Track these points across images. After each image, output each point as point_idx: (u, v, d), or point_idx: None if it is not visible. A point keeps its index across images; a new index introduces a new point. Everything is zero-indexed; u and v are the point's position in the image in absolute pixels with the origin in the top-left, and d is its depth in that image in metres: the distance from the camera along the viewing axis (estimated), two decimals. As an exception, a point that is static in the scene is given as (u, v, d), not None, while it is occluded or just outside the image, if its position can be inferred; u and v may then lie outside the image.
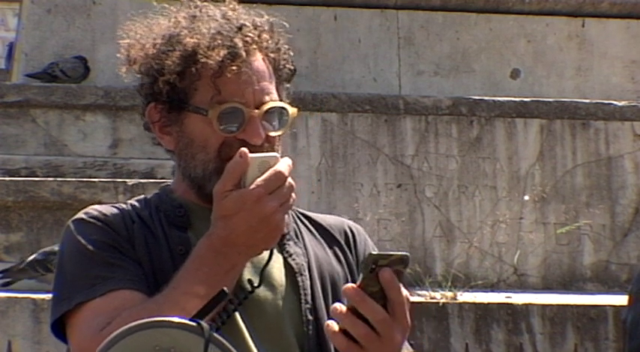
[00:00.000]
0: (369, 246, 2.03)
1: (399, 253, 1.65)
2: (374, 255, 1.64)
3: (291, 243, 1.94)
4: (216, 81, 1.85)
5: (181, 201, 1.94)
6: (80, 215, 1.92)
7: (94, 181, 5.49)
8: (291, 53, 1.97)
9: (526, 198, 6.41)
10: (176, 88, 1.88)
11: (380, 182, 6.36)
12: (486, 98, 6.64)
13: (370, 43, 7.04)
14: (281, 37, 1.95)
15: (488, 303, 5.05)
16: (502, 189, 6.45)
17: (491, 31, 7.26)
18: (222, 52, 1.84)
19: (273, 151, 1.84)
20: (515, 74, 7.23)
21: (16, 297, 4.67)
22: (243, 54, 1.85)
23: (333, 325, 1.66)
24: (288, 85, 1.97)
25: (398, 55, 7.09)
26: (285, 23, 1.98)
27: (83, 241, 1.87)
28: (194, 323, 1.44)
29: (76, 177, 5.79)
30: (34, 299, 4.64)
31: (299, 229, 1.99)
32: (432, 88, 7.03)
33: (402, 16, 7.16)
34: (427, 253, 6.23)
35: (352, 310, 1.64)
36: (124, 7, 6.94)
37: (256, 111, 1.86)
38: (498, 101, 6.62)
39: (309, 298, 1.89)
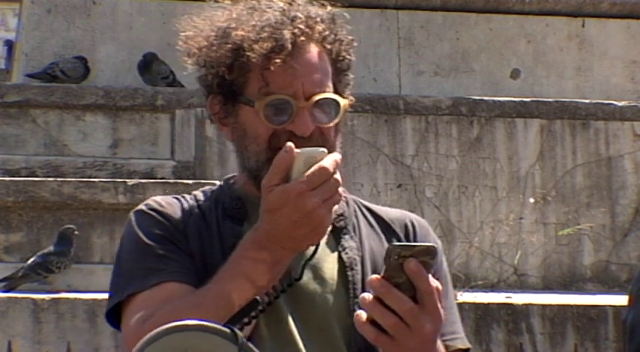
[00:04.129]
0: (429, 240, 2.02)
1: (425, 244, 1.65)
2: (395, 246, 1.63)
3: (347, 236, 1.95)
4: (263, 73, 1.86)
5: (240, 192, 1.96)
6: (141, 206, 1.98)
7: (94, 181, 5.49)
8: (355, 44, 1.98)
9: (531, 200, 6.41)
10: (226, 80, 1.90)
11: (380, 182, 6.36)
12: (486, 98, 6.64)
13: (370, 43, 7.03)
14: (341, 29, 1.96)
15: (489, 303, 5.05)
16: (502, 189, 6.45)
17: (491, 31, 7.26)
18: (268, 45, 1.84)
19: (326, 142, 1.85)
20: (515, 74, 7.23)
21: (16, 297, 4.67)
22: (290, 46, 1.85)
23: (362, 315, 1.65)
24: (350, 76, 1.97)
25: (398, 55, 7.09)
26: (345, 14, 1.99)
27: (139, 233, 1.92)
28: (228, 330, 1.44)
29: (76, 177, 5.79)
30: (34, 299, 4.63)
31: (358, 222, 1.99)
32: (432, 88, 7.03)
33: (402, 16, 7.16)
34: (427, 253, 6.22)
35: (380, 300, 1.63)
36: (124, 7, 6.95)
37: (305, 102, 1.86)
38: (498, 101, 6.62)
39: (358, 292, 1.88)
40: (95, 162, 6.13)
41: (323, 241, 1.90)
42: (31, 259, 4.94)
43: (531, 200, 6.41)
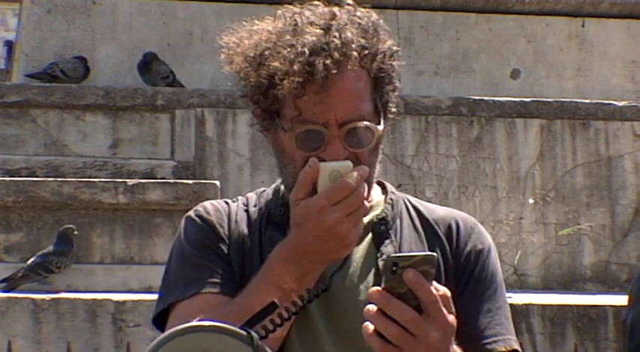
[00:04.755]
0: (473, 239, 1.98)
1: (422, 253, 1.63)
2: (392, 257, 1.62)
3: (387, 242, 1.94)
4: (296, 102, 1.85)
5: (286, 199, 1.95)
6: (190, 212, 2.00)
7: (94, 181, 5.49)
8: (398, 51, 1.98)
9: (530, 201, 6.41)
10: (263, 104, 1.90)
11: (380, 182, 6.36)
12: (486, 98, 6.64)
13: (370, 43, 7.03)
14: (383, 41, 1.96)
15: (489, 303, 5.05)
16: (502, 189, 6.45)
17: (491, 31, 7.26)
18: (299, 80, 1.83)
19: (364, 164, 1.84)
20: (515, 74, 7.23)
21: (16, 297, 4.67)
22: (321, 80, 1.83)
23: (369, 326, 1.64)
24: (394, 84, 1.97)
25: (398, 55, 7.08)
26: (386, 27, 2.00)
27: (184, 241, 1.96)
28: (243, 331, 1.44)
29: (76, 177, 5.79)
30: (34, 299, 4.63)
31: (401, 226, 1.98)
32: (432, 88, 7.03)
33: (402, 16, 7.16)
34: (427, 253, 6.22)
35: (383, 312, 1.62)
36: (124, 7, 6.95)
37: (338, 130, 1.85)
38: (498, 101, 6.62)
39: None
40: (95, 162, 6.13)
41: (363, 248, 1.91)
42: (31, 259, 4.94)
43: (530, 201, 6.41)
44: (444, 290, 1.64)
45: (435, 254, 1.64)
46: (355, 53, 1.88)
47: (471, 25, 7.25)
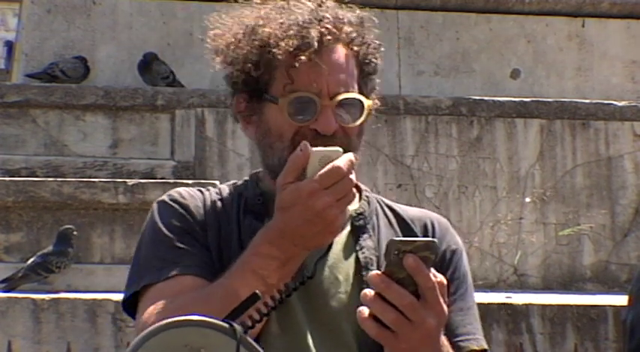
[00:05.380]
0: (447, 239, 2.02)
1: (424, 239, 1.65)
2: (395, 241, 1.63)
3: (365, 236, 1.95)
4: (289, 70, 1.87)
5: (264, 189, 1.97)
6: (164, 197, 2.00)
7: (94, 181, 5.49)
8: (382, 48, 2.00)
9: (527, 200, 6.41)
10: (252, 78, 1.90)
11: (380, 182, 6.36)
12: (486, 98, 6.64)
13: (370, 43, 7.03)
14: (369, 32, 1.98)
15: (489, 303, 5.05)
16: (502, 189, 6.45)
17: (491, 31, 7.27)
18: (293, 42, 1.85)
19: (349, 143, 1.86)
20: (515, 74, 7.23)
21: (16, 297, 4.67)
22: (316, 44, 1.86)
23: (364, 311, 1.65)
24: (376, 80, 2.00)
25: (398, 55, 7.09)
26: (374, 19, 1.99)
27: (159, 224, 1.94)
28: (226, 324, 1.44)
29: (76, 177, 5.79)
30: (34, 299, 4.63)
31: (378, 222, 1.99)
32: (432, 88, 7.03)
33: (402, 16, 7.16)
34: (427, 253, 6.22)
35: (381, 296, 1.63)
36: (124, 7, 6.95)
37: (330, 101, 1.87)
38: (498, 101, 6.62)
39: None
40: (95, 162, 6.13)
41: (342, 240, 1.91)
42: (31, 259, 4.94)
43: (527, 199, 6.41)
44: (441, 277, 1.66)
45: (436, 240, 1.66)
46: (347, 28, 1.92)
47: (471, 25, 7.25)
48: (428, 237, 1.99)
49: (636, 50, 7.37)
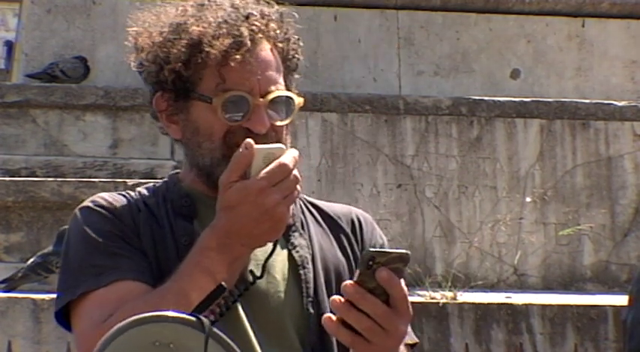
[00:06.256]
0: (375, 235, 2.03)
1: (398, 251, 1.65)
2: (371, 251, 1.64)
3: (296, 234, 1.94)
4: (221, 69, 1.85)
5: (188, 190, 1.94)
6: (87, 203, 1.92)
7: (94, 181, 5.49)
8: (301, 43, 1.97)
9: (528, 199, 6.41)
10: (182, 77, 1.88)
11: (380, 182, 6.36)
12: (486, 98, 6.64)
13: (370, 43, 7.03)
14: (290, 27, 1.96)
15: (489, 303, 5.05)
16: (502, 189, 6.45)
17: (491, 31, 7.26)
18: (227, 41, 1.84)
19: (280, 141, 1.85)
20: (515, 74, 7.23)
21: (16, 297, 4.67)
22: (249, 43, 1.85)
23: (332, 317, 1.66)
24: (297, 76, 1.98)
25: (398, 55, 7.09)
26: (294, 13, 1.98)
27: (89, 230, 1.87)
28: (193, 318, 1.43)
29: (76, 177, 5.79)
30: (34, 299, 4.64)
31: (305, 220, 1.99)
32: (432, 88, 7.03)
33: (402, 16, 7.16)
34: (427, 253, 6.22)
35: (352, 304, 1.64)
36: (124, 7, 6.94)
37: (261, 100, 1.86)
38: (498, 101, 6.62)
39: (311, 291, 1.88)
40: (95, 162, 6.13)
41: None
42: (31, 259, 4.94)
43: (528, 199, 6.41)
44: (404, 288, 1.68)
45: (409, 252, 1.67)
46: (272, 25, 1.90)
47: (471, 25, 7.25)
48: (356, 231, 2.00)
49: (636, 50, 7.37)
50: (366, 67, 6.97)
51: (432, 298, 5.11)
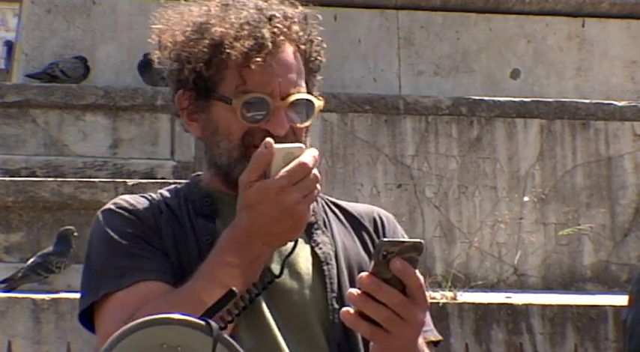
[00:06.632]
0: (397, 234, 2.03)
1: (412, 240, 1.65)
2: (384, 242, 1.64)
3: (318, 232, 1.95)
4: (241, 71, 1.86)
5: (208, 189, 1.95)
6: (109, 205, 1.94)
7: (94, 181, 5.49)
8: (325, 45, 1.97)
9: (526, 199, 6.41)
10: (203, 76, 1.89)
11: (380, 182, 6.36)
12: (486, 98, 6.64)
13: (370, 43, 7.04)
14: (314, 29, 1.96)
15: (489, 303, 5.05)
16: (502, 189, 6.45)
17: (491, 31, 7.27)
18: (248, 43, 1.84)
19: (298, 142, 1.84)
20: (515, 74, 7.23)
21: (16, 297, 4.67)
22: (270, 45, 1.85)
23: (350, 310, 1.66)
24: (319, 77, 1.98)
25: (398, 55, 7.09)
26: (318, 15, 1.98)
27: (111, 232, 1.88)
28: (202, 322, 1.43)
29: (76, 177, 5.79)
30: (34, 299, 4.64)
31: (327, 218, 2.00)
32: (432, 88, 7.03)
33: (402, 16, 7.16)
34: (427, 253, 6.22)
35: (369, 295, 1.64)
36: (124, 7, 6.95)
37: (281, 102, 1.86)
38: (498, 101, 6.62)
39: (335, 287, 1.89)
40: (95, 162, 6.14)
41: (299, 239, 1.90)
42: (31, 259, 4.94)
43: (526, 198, 6.41)
44: (420, 277, 1.68)
45: (422, 241, 1.67)
46: (295, 27, 1.91)
47: (471, 25, 7.25)
48: (378, 230, 2.01)
49: (636, 50, 7.37)
50: (366, 67, 6.98)
51: (432, 298, 5.11)
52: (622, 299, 3.84)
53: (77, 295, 1.83)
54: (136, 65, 6.64)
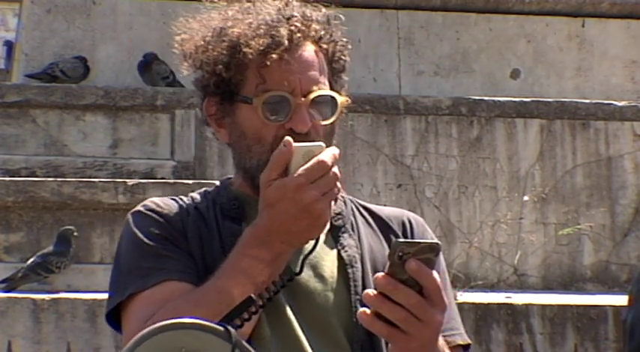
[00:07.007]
0: (426, 237, 2.03)
1: (428, 241, 1.65)
2: (400, 242, 1.63)
3: (345, 235, 1.95)
4: (260, 70, 1.86)
5: (237, 193, 1.96)
6: (138, 207, 1.97)
7: (94, 181, 5.49)
8: (349, 46, 1.99)
9: (525, 198, 6.41)
10: (224, 79, 1.90)
11: (380, 182, 6.36)
12: (486, 98, 6.64)
13: (370, 43, 7.03)
14: (337, 30, 1.98)
15: (489, 303, 5.05)
16: (502, 189, 6.45)
17: (491, 31, 7.27)
18: (264, 41, 1.85)
19: (322, 140, 1.85)
20: (515, 74, 7.23)
21: (16, 297, 4.67)
22: (286, 42, 1.86)
23: (367, 311, 1.66)
24: (345, 77, 2.00)
25: (398, 55, 7.09)
26: (341, 16, 1.99)
27: (139, 234, 1.91)
28: (221, 328, 1.43)
29: (76, 177, 5.79)
30: (34, 299, 4.64)
31: (356, 221, 2.00)
32: (432, 88, 7.03)
33: (402, 16, 7.16)
34: (427, 253, 6.22)
35: (386, 296, 1.64)
36: (124, 7, 6.95)
37: (303, 99, 1.87)
38: (498, 101, 6.62)
39: (359, 289, 1.88)
40: (95, 162, 6.14)
41: (322, 239, 1.89)
42: (31, 259, 4.94)
43: (526, 198, 6.41)
44: (438, 278, 1.68)
45: (439, 242, 1.67)
46: (315, 26, 1.92)
47: (471, 25, 7.25)
48: (407, 234, 2.01)
49: (636, 50, 7.37)
50: (366, 67, 6.97)
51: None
52: (622, 299, 3.83)
53: (77, 295, 1.84)
54: (135, 65, 6.64)
